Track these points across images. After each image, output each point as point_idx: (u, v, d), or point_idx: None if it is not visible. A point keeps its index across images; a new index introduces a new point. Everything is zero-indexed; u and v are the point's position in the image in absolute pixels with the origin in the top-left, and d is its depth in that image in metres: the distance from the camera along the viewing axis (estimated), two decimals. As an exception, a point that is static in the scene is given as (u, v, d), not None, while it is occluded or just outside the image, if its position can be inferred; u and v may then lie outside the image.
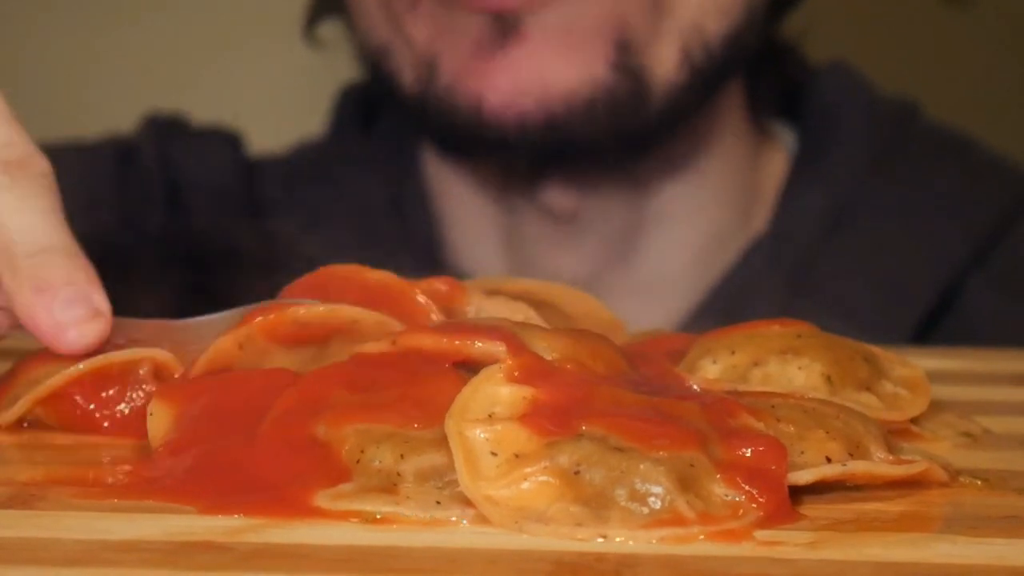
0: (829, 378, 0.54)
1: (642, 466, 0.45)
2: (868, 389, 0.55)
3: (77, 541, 0.43)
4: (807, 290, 0.91)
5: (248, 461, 0.48)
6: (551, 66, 0.84)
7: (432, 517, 0.45)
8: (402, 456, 0.46)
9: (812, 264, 0.92)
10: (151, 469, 0.49)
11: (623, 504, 0.44)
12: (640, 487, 0.45)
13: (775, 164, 0.98)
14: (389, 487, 0.46)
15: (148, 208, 0.97)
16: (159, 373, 0.55)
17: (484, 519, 0.45)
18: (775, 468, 0.46)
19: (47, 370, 0.55)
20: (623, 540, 0.44)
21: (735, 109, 0.95)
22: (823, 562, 0.42)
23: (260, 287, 0.60)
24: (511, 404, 0.47)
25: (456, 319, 0.56)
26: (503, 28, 0.84)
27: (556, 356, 0.50)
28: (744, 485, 0.45)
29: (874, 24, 1.44)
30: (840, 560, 0.43)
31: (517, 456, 0.46)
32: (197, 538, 0.43)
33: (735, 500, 0.45)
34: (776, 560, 0.43)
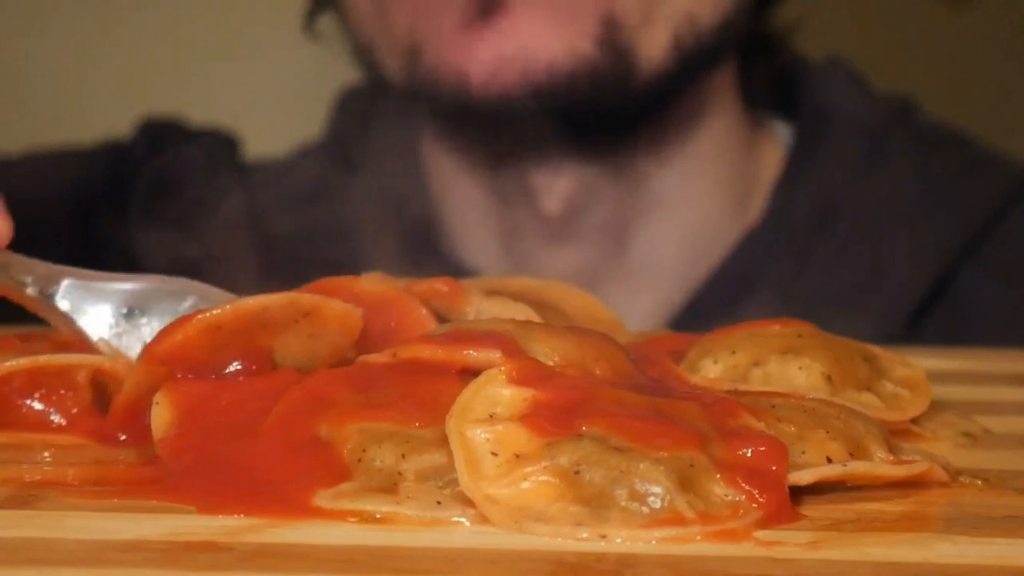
0: (829, 378, 0.54)
1: (642, 466, 0.45)
2: (868, 389, 0.55)
3: (77, 541, 0.43)
4: (802, 279, 0.91)
5: (249, 461, 0.48)
6: (535, 38, 0.85)
7: (432, 517, 0.45)
8: (403, 456, 0.46)
9: (807, 254, 0.92)
10: (152, 469, 0.49)
11: (623, 504, 0.44)
12: (640, 487, 0.45)
13: (770, 156, 0.98)
14: (390, 486, 0.46)
15: (141, 211, 0.97)
16: (97, 379, 0.55)
17: (484, 519, 0.45)
18: (775, 468, 0.46)
19: None
20: (623, 540, 0.44)
21: (727, 97, 0.96)
22: (823, 562, 0.42)
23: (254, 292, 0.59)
24: (512, 405, 0.47)
25: (456, 322, 0.56)
26: (488, 1, 0.84)
27: (557, 360, 0.50)
28: (744, 485, 0.45)
29: (871, 21, 1.44)
30: (840, 560, 0.43)
31: (517, 456, 0.46)
32: (197, 538, 0.43)
33: (735, 500, 0.45)
34: (776, 560, 0.43)
